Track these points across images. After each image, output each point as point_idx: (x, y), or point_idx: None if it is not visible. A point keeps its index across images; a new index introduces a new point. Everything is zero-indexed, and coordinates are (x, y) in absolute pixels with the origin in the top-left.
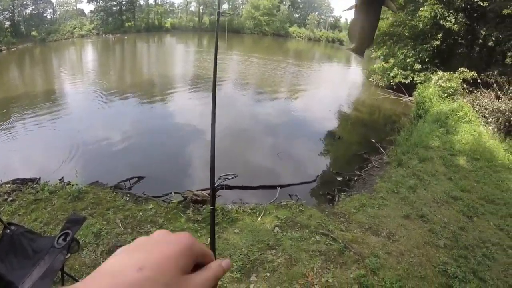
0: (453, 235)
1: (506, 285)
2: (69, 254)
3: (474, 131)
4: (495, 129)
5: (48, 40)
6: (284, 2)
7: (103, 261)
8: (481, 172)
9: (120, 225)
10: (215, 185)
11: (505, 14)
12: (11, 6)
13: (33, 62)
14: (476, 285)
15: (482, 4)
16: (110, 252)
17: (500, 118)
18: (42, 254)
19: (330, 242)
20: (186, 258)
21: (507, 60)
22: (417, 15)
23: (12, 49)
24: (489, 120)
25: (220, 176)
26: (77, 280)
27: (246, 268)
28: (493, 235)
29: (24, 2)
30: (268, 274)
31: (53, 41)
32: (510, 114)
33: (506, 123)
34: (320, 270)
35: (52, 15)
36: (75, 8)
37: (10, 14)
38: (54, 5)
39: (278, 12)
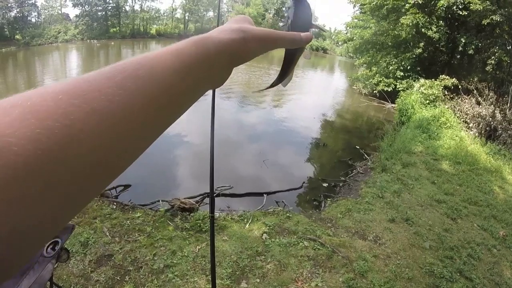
0: (438, 237)
1: (492, 283)
2: (57, 263)
3: (456, 136)
4: (476, 134)
5: (32, 44)
6: (269, 11)
7: (91, 271)
8: (463, 175)
9: (108, 234)
10: (214, 194)
11: (485, 24)
12: None
13: (17, 66)
14: (463, 284)
15: (461, 13)
16: (98, 261)
17: (481, 123)
18: (30, 264)
19: (318, 247)
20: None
21: (487, 67)
22: (399, 23)
23: None
24: (470, 125)
25: (217, 187)
26: None
27: (236, 275)
28: (477, 235)
29: (9, 5)
30: (258, 280)
31: (37, 45)
32: (490, 119)
33: (487, 128)
34: (309, 275)
35: (36, 19)
36: (60, 12)
37: None
38: (39, 8)
39: (263, 21)
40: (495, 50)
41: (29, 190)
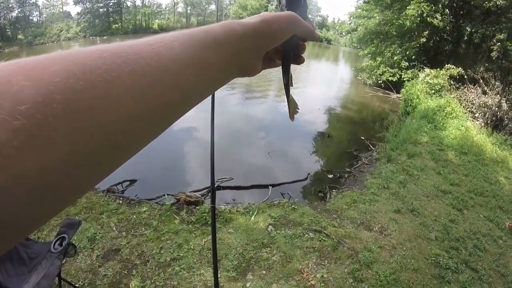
0: (444, 227)
1: (498, 274)
2: (65, 259)
3: (462, 126)
4: (482, 124)
5: (35, 43)
6: (272, 2)
7: (99, 266)
8: (469, 165)
9: (115, 229)
10: (215, 185)
11: (490, 9)
12: None
13: None
14: (468, 275)
15: None
16: (105, 256)
17: (487, 113)
18: (38, 260)
19: (323, 238)
20: None
21: (492, 53)
22: (404, 13)
23: None
24: (476, 115)
25: (218, 179)
26: (74, 286)
27: (242, 267)
28: (483, 226)
29: (10, 5)
30: (264, 272)
31: (40, 44)
32: (496, 108)
33: (493, 118)
34: (315, 266)
35: (38, 18)
36: (61, 10)
37: None
38: (40, 7)
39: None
40: (500, 37)
41: (65, 137)
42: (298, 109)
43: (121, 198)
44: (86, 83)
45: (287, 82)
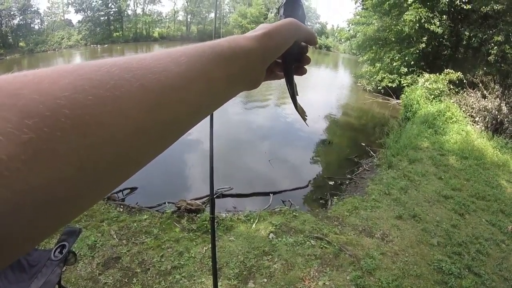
0: (446, 233)
1: (501, 278)
2: (65, 267)
3: (462, 130)
4: (483, 128)
5: (36, 51)
6: (271, 11)
7: (99, 274)
8: (470, 170)
9: (115, 237)
10: (215, 195)
11: (488, 13)
12: None
13: None
14: (472, 280)
15: (465, 7)
16: (105, 264)
17: (487, 117)
18: (39, 267)
19: (325, 245)
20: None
21: (490, 57)
22: (402, 19)
23: None
24: (476, 119)
25: (218, 189)
26: None
27: (243, 275)
28: (485, 230)
29: (12, 13)
30: (265, 280)
31: (41, 52)
32: (496, 112)
33: (493, 121)
34: (316, 274)
35: (39, 26)
36: (62, 18)
37: None
38: (42, 15)
39: (265, 20)
40: (498, 38)
41: (73, 151)
42: (306, 116)
43: (121, 206)
44: (95, 98)
45: (293, 92)
